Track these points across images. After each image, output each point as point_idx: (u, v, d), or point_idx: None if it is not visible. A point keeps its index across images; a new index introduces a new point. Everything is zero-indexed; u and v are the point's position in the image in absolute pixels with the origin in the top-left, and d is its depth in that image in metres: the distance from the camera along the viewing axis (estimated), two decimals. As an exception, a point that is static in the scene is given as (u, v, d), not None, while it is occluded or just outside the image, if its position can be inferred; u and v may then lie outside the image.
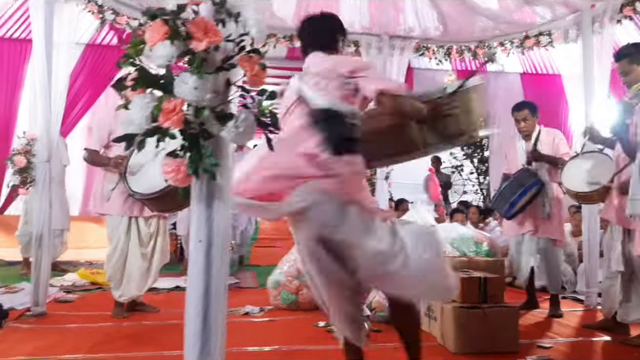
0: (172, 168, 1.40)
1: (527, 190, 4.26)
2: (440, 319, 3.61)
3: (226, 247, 1.50)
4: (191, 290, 1.49)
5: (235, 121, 1.40)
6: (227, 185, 1.50)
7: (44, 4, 4.22)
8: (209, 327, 1.45)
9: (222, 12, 1.42)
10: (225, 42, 1.47)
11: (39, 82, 4.24)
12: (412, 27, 6.16)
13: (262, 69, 1.45)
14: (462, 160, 11.29)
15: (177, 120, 1.35)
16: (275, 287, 4.70)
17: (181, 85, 1.36)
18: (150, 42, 1.38)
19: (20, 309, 4.22)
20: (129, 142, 1.38)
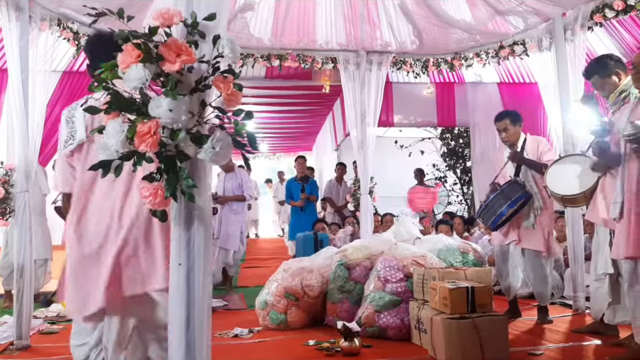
0: (149, 192, 1.38)
1: (514, 202, 4.28)
2: (430, 331, 3.60)
3: (208, 271, 1.47)
4: (173, 316, 1.45)
5: (211, 141, 1.39)
6: (206, 206, 1.48)
7: (18, 32, 4.20)
8: (193, 353, 1.41)
9: (194, 34, 1.42)
10: (199, 63, 1.46)
11: (16, 110, 4.19)
12: (389, 41, 6.24)
13: (238, 89, 1.44)
14: (445, 171, 11.37)
15: (152, 143, 1.33)
16: (264, 307, 4.65)
17: (155, 108, 1.34)
18: (123, 64, 1.37)
19: (3, 343, 4.12)
20: (105, 169, 1.36)
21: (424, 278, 3.92)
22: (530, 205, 4.39)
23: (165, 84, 1.38)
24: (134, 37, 1.37)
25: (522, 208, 4.35)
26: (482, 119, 9.02)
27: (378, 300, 4.15)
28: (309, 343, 4.00)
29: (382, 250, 4.61)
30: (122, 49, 2.48)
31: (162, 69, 1.36)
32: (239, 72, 1.42)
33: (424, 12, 5.39)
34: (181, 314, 1.43)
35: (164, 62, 1.36)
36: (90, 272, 2.20)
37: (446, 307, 3.48)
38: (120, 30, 1.39)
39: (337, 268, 4.61)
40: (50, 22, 4.63)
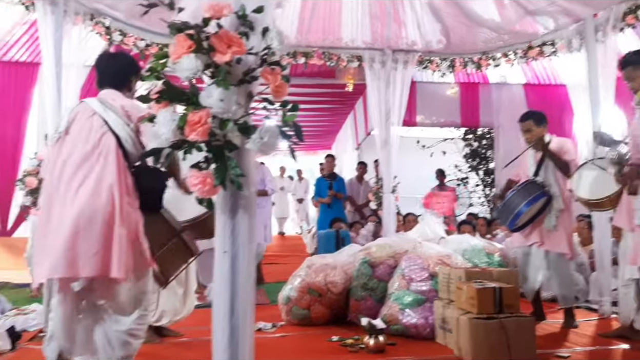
0: (198, 180, 1.41)
1: (533, 201, 4.22)
2: (456, 330, 3.59)
3: (252, 259, 1.50)
4: (217, 303, 1.48)
5: (259, 132, 1.41)
6: (251, 196, 1.51)
7: (53, 26, 4.28)
8: (237, 340, 1.44)
9: (245, 25, 1.44)
10: (246, 55, 1.49)
11: (50, 103, 4.28)
12: (415, 40, 6.22)
13: (286, 81, 1.46)
14: (467, 172, 11.30)
15: (202, 132, 1.36)
16: (286, 302, 4.68)
17: (207, 98, 1.37)
18: (175, 55, 1.40)
19: (32, 330, 4.20)
20: (156, 157, 1.39)
21: (449, 277, 3.91)
22: (550, 207, 4.34)
23: (214, 75, 1.41)
24: (186, 28, 1.40)
25: (544, 210, 4.30)
26: (507, 120, 8.95)
27: (402, 299, 4.15)
28: (333, 339, 4.01)
29: (407, 249, 4.60)
30: (132, 69, 2.77)
31: (213, 59, 1.39)
32: (286, 65, 1.44)
33: (453, 11, 5.37)
34: (225, 301, 1.46)
35: (215, 53, 1.39)
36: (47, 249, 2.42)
37: (473, 307, 3.46)
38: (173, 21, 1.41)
39: (361, 265, 4.62)
40: (83, 16, 4.71)
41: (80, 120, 2.56)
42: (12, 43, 7.21)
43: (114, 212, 2.41)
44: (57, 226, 2.41)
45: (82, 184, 2.43)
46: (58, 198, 2.46)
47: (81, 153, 2.47)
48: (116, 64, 2.79)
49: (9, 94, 7.41)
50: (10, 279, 6.93)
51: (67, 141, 2.54)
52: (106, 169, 2.45)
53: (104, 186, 2.42)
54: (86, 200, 2.39)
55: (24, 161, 7.17)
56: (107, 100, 2.62)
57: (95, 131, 2.51)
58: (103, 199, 2.41)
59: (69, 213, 2.40)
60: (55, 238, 2.40)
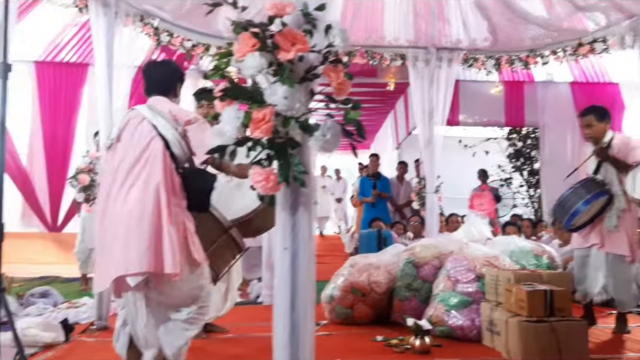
0: (262, 177, 1.42)
1: (591, 200, 4.09)
2: (505, 333, 3.52)
3: (312, 256, 1.51)
4: (278, 299, 1.49)
5: (322, 129, 1.42)
6: (311, 193, 1.52)
7: (105, 28, 4.39)
8: (297, 337, 1.45)
9: (309, 23, 1.45)
10: (308, 53, 1.49)
11: (101, 103, 4.40)
12: (460, 38, 6.14)
13: (349, 78, 1.46)
14: (510, 172, 11.07)
15: (266, 129, 1.37)
16: (329, 301, 4.68)
17: (271, 95, 1.38)
18: (239, 53, 1.41)
19: (84, 323, 4.33)
20: (220, 153, 1.41)
21: (497, 279, 3.84)
22: (610, 207, 4.18)
23: (277, 73, 1.42)
24: (251, 26, 1.41)
25: (604, 209, 4.15)
26: (553, 119, 8.77)
27: (448, 300, 4.10)
28: (377, 339, 3.99)
29: (452, 250, 4.54)
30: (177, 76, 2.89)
31: (277, 57, 1.40)
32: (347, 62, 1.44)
33: (500, 8, 5.28)
34: (286, 297, 1.47)
35: (279, 51, 1.40)
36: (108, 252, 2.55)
37: (522, 310, 3.39)
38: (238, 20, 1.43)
39: (405, 266, 4.58)
40: (133, 17, 4.83)
41: (130, 127, 2.68)
42: (63, 45, 7.46)
43: (161, 211, 2.52)
44: (112, 230, 2.54)
45: (131, 187, 2.55)
46: (111, 203, 2.58)
47: (132, 159, 2.59)
48: (162, 71, 2.91)
49: (59, 94, 7.67)
50: (61, 273, 7.17)
51: (119, 148, 2.66)
52: (153, 171, 2.56)
53: (151, 187, 2.53)
54: (135, 201, 2.51)
55: (73, 159, 7.42)
56: (155, 105, 2.74)
57: (144, 137, 2.63)
58: (151, 199, 2.52)
59: (121, 216, 2.53)
60: (111, 241, 2.52)
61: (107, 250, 2.54)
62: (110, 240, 2.53)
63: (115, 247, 2.50)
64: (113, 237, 2.52)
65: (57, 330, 3.77)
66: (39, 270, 7.18)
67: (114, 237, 2.52)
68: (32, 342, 3.53)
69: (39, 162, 7.70)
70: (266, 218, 3.42)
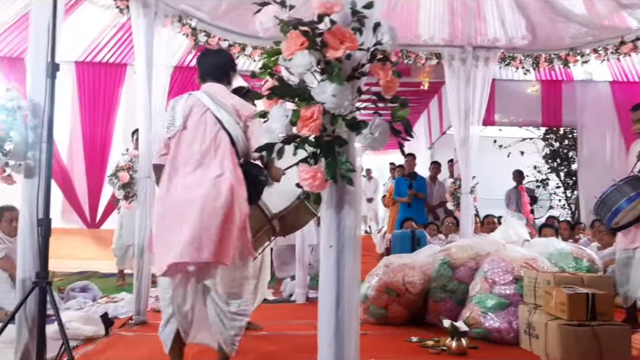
0: (309, 175, 1.43)
1: (636, 197, 3.97)
2: (544, 336, 3.46)
3: (358, 254, 1.51)
4: (323, 297, 1.50)
5: (370, 127, 1.42)
6: (357, 191, 1.52)
7: (145, 28, 4.48)
8: (342, 335, 1.45)
9: (357, 21, 1.45)
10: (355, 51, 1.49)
11: (140, 102, 4.48)
12: (497, 37, 6.05)
13: (397, 76, 1.46)
14: (546, 173, 10.85)
15: (314, 127, 1.38)
16: (364, 301, 4.66)
17: (320, 93, 1.39)
18: (287, 52, 1.42)
19: (123, 317, 4.43)
20: (268, 151, 1.43)
21: (536, 281, 3.77)
22: None
23: (325, 71, 1.42)
24: (301, 24, 1.42)
25: None
26: (591, 119, 8.57)
27: (485, 302, 4.04)
28: (412, 339, 3.96)
29: (489, 251, 4.48)
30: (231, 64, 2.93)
31: (326, 55, 1.41)
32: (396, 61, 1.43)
33: (540, 6, 5.17)
34: (331, 295, 1.47)
35: (327, 49, 1.40)
36: (171, 235, 2.57)
37: (563, 313, 3.33)
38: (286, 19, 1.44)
39: (440, 267, 4.54)
40: (172, 18, 4.90)
41: (194, 116, 2.71)
42: (103, 45, 7.64)
43: (233, 203, 2.59)
44: (179, 217, 2.57)
45: (202, 178, 2.60)
46: (177, 190, 2.62)
47: (200, 149, 2.64)
48: (218, 59, 2.95)
49: (99, 94, 7.86)
50: (98, 268, 7.34)
51: (185, 136, 2.69)
52: (224, 164, 2.63)
53: (223, 180, 2.58)
54: (208, 193, 2.56)
55: (111, 158, 7.59)
56: (216, 96, 2.76)
57: (210, 128, 2.67)
58: (223, 191, 2.57)
59: (191, 201, 2.56)
60: (179, 227, 2.55)
61: (171, 231, 2.57)
62: (176, 222, 2.57)
63: (183, 230, 2.53)
64: (180, 219, 2.56)
65: (97, 324, 3.86)
66: (78, 265, 7.37)
67: (181, 219, 2.55)
68: (74, 335, 3.62)
69: (79, 160, 7.90)
70: (299, 216, 3.46)
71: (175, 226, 2.56)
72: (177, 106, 2.74)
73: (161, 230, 2.64)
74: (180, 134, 2.69)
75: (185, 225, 2.52)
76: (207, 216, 2.52)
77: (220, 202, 2.55)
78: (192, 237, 2.49)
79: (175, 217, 2.58)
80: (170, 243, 2.54)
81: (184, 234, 2.50)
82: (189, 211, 2.54)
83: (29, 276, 2.70)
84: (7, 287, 4.53)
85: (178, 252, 2.48)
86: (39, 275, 2.60)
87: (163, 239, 2.61)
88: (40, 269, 2.61)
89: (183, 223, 2.54)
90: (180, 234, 2.52)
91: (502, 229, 4.90)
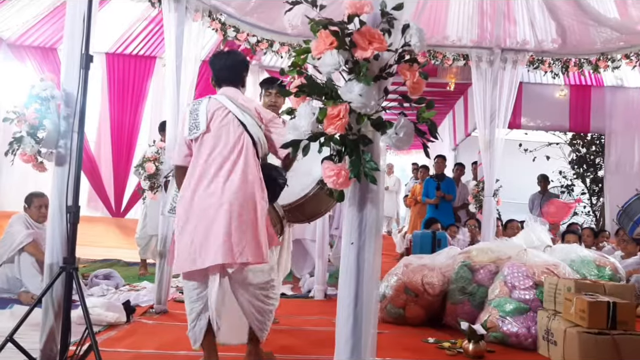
0: (334, 172, 1.45)
1: None
2: (563, 343, 3.43)
3: (378, 251, 1.53)
4: (342, 292, 1.52)
5: (395, 127, 1.43)
6: (379, 190, 1.54)
7: (176, 23, 4.54)
8: (360, 330, 1.47)
9: (387, 22, 1.47)
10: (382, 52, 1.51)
11: (169, 95, 4.55)
12: (527, 39, 5.99)
13: (424, 78, 1.47)
14: (572, 179, 10.70)
15: (340, 126, 1.40)
16: (381, 300, 4.67)
17: (347, 92, 1.41)
18: (316, 51, 1.45)
19: (144, 306, 4.51)
20: (294, 148, 1.46)
21: (556, 288, 3.74)
22: None
23: (352, 71, 1.44)
24: (331, 24, 1.44)
25: None
26: (620, 126, 8.43)
27: (503, 306, 4.02)
28: (429, 340, 3.97)
29: (510, 255, 4.45)
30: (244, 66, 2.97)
31: (355, 55, 1.43)
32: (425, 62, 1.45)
33: (573, 9, 5.11)
34: (350, 290, 1.50)
35: (356, 49, 1.42)
36: (201, 237, 2.66)
37: (583, 321, 3.30)
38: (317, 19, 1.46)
39: (460, 269, 4.53)
40: (202, 12, 4.96)
41: (217, 118, 2.78)
42: (133, 38, 7.76)
43: (257, 204, 2.70)
44: (208, 220, 2.66)
45: (227, 180, 2.68)
46: (203, 192, 2.70)
47: (224, 151, 2.72)
48: (231, 62, 2.98)
49: (128, 86, 7.99)
50: (122, 257, 7.46)
51: (208, 138, 2.76)
52: (248, 166, 2.72)
53: (248, 182, 2.69)
54: (235, 194, 2.65)
55: (138, 148, 7.71)
56: (238, 100, 2.85)
57: (233, 130, 2.75)
58: (249, 193, 2.68)
59: (219, 207, 2.64)
60: (208, 230, 2.65)
61: (200, 233, 2.65)
62: (205, 224, 2.65)
63: (215, 232, 2.62)
64: (209, 222, 2.64)
65: (119, 311, 3.95)
66: (102, 253, 7.50)
67: (211, 222, 2.63)
68: (97, 320, 3.71)
69: (106, 151, 8.05)
70: (318, 203, 3.51)
71: (204, 229, 2.64)
72: (200, 109, 2.81)
73: (187, 233, 2.70)
74: (203, 136, 2.77)
75: (216, 227, 2.61)
76: (237, 218, 2.62)
77: (250, 204, 2.66)
78: (228, 239, 2.60)
79: (204, 219, 2.65)
80: (200, 246, 2.63)
81: (218, 236, 2.60)
82: (219, 214, 2.62)
83: (56, 261, 2.76)
84: (34, 272, 4.66)
85: (219, 255, 2.59)
86: (66, 260, 2.66)
87: (190, 241, 2.68)
88: (68, 254, 2.67)
89: (213, 226, 2.62)
90: (212, 237, 2.61)
91: (524, 234, 4.86)
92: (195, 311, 2.79)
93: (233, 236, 2.60)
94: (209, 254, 2.60)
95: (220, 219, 2.61)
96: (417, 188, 9.40)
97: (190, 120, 2.82)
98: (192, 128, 2.79)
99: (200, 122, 2.77)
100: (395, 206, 13.16)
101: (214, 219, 2.62)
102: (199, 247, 2.63)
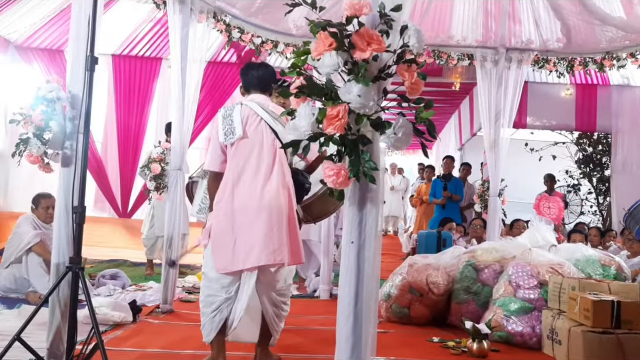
0: (333, 172, 1.47)
1: None
2: (567, 342, 3.43)
3: (378, 250, 1.54)
4: (342, 291, 1.54)
5: (393, 127, 1.45)
6: (379, 189, 1.55)
7: (181, 24, 4.57)
8: (360, 329, 1.49)
9: (385, 23, 1.48)
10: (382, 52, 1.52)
11: (174, 96, 4.58)
12: (531, 39, 5.98)
13: (422, 78, 1.49)
14: (578, 179, 10.65)
15: (340, 126, 1.42)
16: (387, 299, 4.69)
17: (346, 93, 1.43)
18: (315, 52, 1.47)
19: (150, 305, 4.54)
20: (294, 148, 1.47)
21: (561, 287, 3.74)
22: None
23: (351, 71, 1.46)
24: (330, 25, 1.46)
25: None
26: (627, 125, 8.39)
27: (508, 305, 4.02)
28: (433, 340, 3.98)
29: (514, 255, 4.45)
30: (274, 77, 3.09)
31: (353, 56, 1.44)
32: (423, 62, 1.46)
33: (577, 8, 5.10)
34: (350, 289, 1.51)
35: (355, 50, 1.44)
36: (245, 239, 2.79)
37: (587, 320, 3.29)
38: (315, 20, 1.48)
39: (465, 268, 4.54)
40: (207, 14, 4.99)
41: (252, 124, 2.89)
42: (139, 39, 7.81)
43: (292, 208, 2.86)
44: (248, 221, 2.79)
45: (265, 184, 2.81)
46: (242, 195, 2.82)
47: (261, 155, 2.84)
48: (264, 72, 3.11)
49: (134, 87, 8.04)
50: (128, 257, 7.50)
51: (244, 144, 2.87)
52: (284, 170, 2.86)
53: (283, 187, 2.82)
54: (273, 198, 2.79)
55: (144, 149, 7.76)
56: (269, 107, 2.96)
57: (266, 136, 2.88)
58: (285, 197, 2.82)
59: (259, 210, 2.78)
60: (249, 232, 2.78)
61: (240, 236, 2.78)
62: (247, 227, 2.78)
63: (255, 235, 2.75)
64: (249, 225, 2.77)
65: (125, 311, 3.98)
66: (108, 253, 7.54)
67: (251, 225, 2.77)
68: (103, 320, 3.75)
69: (112, 151, 8.11)
70: (326, 203, 3.55)
71: (247, 230, 2.77)
72: (234, 115, 2.91)
73: (228, 234, 2.81)
74: (238, 142, 2.86)
75: (258, 230, 2.75)
76: (276, 221, 2.76)
77: (286, 208, 2.80)
78: (270, 241, 2.74)
79: (246, 222, 2.78)
80: (243, 247, 2.77)
81: (260, 238, 2.74)
82: (260, 217, 2.76)
83: (62, 261, 2.79)
84: (41, 272, 4.70)
85: (262, 256, 2.73)
86: (72, 260, 2.69)
87: (233, 242, 2.80)
88: (74, 254, 2.70)
89: (255, 228, 2.76)
90: (255, 239, 2.75)
91: (529, 233, 4.86)
92: (217, 302, 2.85)
93: (274, 238, 2.74)
94: (250, 255, 2.73)
95: (261, 222, 2.74)
96: (422, 188, 9.40)
97: (225, 125, 2.91)
98: (227, 133, 2.88)
99: (235, 127, 2.87)
100: (401, 206, 13.13)
101: (255, 221, 2.75)
102: (242, 248, 2.76)
